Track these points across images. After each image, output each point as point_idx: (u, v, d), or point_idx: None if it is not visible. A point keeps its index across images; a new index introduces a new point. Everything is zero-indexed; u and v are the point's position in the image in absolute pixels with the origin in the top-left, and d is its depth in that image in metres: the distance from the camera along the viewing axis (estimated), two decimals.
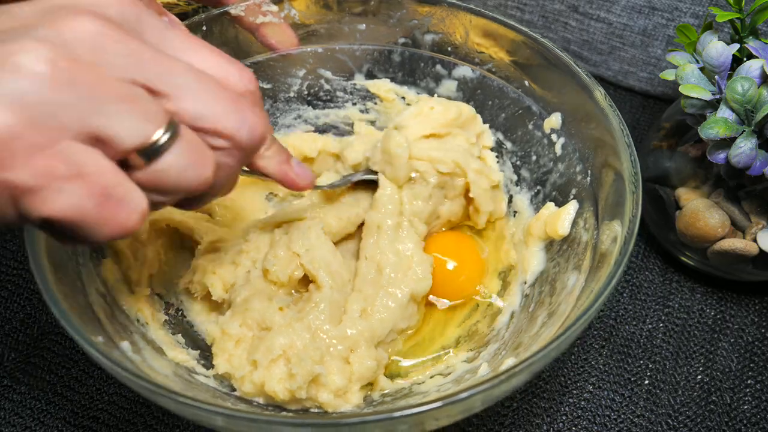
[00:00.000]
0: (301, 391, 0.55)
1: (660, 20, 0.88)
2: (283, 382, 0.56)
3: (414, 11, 0.70)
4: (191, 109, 0.40)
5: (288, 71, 0.74)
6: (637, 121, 0.93)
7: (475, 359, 0.61)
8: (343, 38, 0.72)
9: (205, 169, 0.41)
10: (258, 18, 0.69)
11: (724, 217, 0.69)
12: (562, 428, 0.66)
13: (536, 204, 0.68)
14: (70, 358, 0.69)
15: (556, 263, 0.62)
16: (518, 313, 0.63)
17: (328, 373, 0.57)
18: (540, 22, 0.96)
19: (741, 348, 0.72)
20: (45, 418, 0.66)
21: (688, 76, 0.65)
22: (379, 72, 0.75)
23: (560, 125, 0.65)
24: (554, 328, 0.52)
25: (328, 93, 0.76)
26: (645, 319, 0.74)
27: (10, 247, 0.77)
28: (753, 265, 0.71)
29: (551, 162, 0.67)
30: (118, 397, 0.67)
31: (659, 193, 0.75)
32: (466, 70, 0.71)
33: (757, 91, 0.61)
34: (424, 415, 0.42)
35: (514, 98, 0.69)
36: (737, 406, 0.68)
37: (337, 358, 0.58)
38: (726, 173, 0.69)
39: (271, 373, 0.56)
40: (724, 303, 0.76)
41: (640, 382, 0.70)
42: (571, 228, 0.61)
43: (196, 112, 0.40)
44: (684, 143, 0.74)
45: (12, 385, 0.67)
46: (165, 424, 0.65)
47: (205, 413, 0.43)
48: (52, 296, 0.47)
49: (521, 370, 0.43)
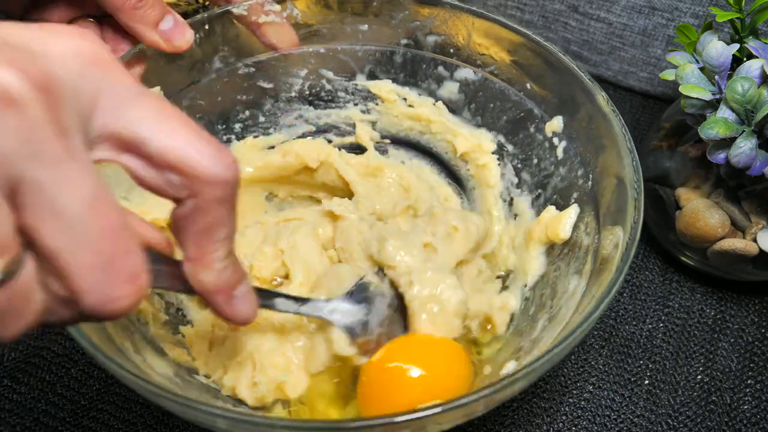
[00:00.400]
0: (267, 399, 0.55)
1: (660, 20, 0.88)
2: (250, 388, 0.55)
3: (416, 12, 0.70)
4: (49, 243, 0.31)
5: (289, 71, 0.74)
6: (637, 121, 0.93)
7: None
8: (345, 38, 0.72)
9: (6, 330, 0.32)
10: (260, 17, 0.69)
11: (724, 217, 0.69)
12: (562, 428, 0.67)
13: (537, 207, 0.68)
14: (70, 358, 0.69)
15: (557, 267, 0.62)
16: (518, 315, 0.63)
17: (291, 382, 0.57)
18: (540, 22, 0.96)
19: (741, 348, 0.72)
20: (45, 418, 0.66)
21: (688, 76, 0.65)
22: (380, 73, 0.75)
23: (562, 129, 0.65)
24: (555, 332, 0.52)
25: (330, 93, 0.76)
26: (645, 319, 0.74)
27: None
28: (753, 265, 0.71)
29: (552, 165, 0.67)
30: (118, 397, 0.67)
31: (659, 193, 0.75)
32: (468, 72, 0.71)
33: (757, 91, 0.61)
34: (427, 420, 0.42)
35: (516, 101, 0.69)
36: (737, 406, 0.68)
37: (301, 368, 0.58)
38: (726, 173, 0.69)
39: (239, 377, 0.56)
40: (724, 303, 0.76)
41: (640, 382, 0.70)
42: (572, 232, 0.61)
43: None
44: (684, 143, 0.74)
45: (12, 385, 0.67)
46: (165, 424, 0.65)
47: (207, 416, 0.43)
48: None
49: (524, 375, 0.43)
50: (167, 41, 0.64)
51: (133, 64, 0.64)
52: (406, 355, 0.56)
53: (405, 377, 0.54)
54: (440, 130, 0.75)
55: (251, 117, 0.75)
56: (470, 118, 0.74)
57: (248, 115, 0.75)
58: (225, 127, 0.75)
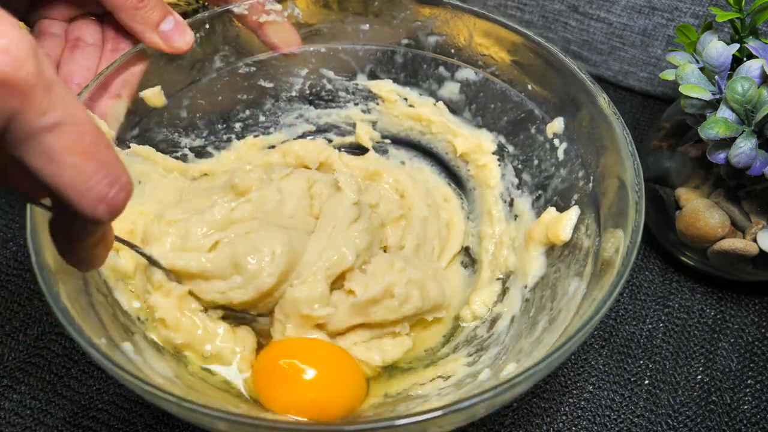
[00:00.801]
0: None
1: (660, 20, 0.88)
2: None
3: (417, 12, 0.70)
4: None
5: (290, 70, 0.74)
6: (637, 121, 0.93)
7: (476, 363, 0.61)
8: (346, 38, 0.72)
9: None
10: (261, 17, 0.69)
11: (724, 217, 0.69)
12: (562, 428, 0.67)
13: (537, 208, 0.68)
14: (70, 358, 0.69)
15: (557, 269, 0.62)
16: (519, 317, 0.63)
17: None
18: (540, 22, 0.96)
19: (741, 348, 0.72)
20: (45, 418, 0.66)
21: (688, 76, 0.65)
22: (381, 73, 0.75)
23: (563, 130, 0.65)
24: (555, 334, 0.52)
25: (330, 93, 0.76)
26: (645, 319, 0.74)
27: (10, 247, 0.76)
28: (753, 265, 0.71)
29: (553, 167, 0.67)
30: (118, 397, 0.67)
31: (659, 193, 0.75)
32: (469, 73, 0.71)
33: (757, 91, 0.61)
34: (428, 423, 0.42)
35: (517, 102, 0.69)
36: (737, 406, 0.68)
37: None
38: (726, 173, 0.69)
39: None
40: (724, 303, 0.76)
41: (640, 382, 0.70)
42: (572, 234, 0.61)
43: None
44: (684, 143, 0.74)
45: (12, 385, 0.67)
46: (165, 424, 0.65)
47: (208, 418, 0.43)
48: (55, 297, 0.47)
49: (525, 378, 0.43)
50: (167, 42, 0.64)
51: (133, 63, 0.64)
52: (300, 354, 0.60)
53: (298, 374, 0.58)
54: (441, 131, 0.75)
55: (252, 116, 0.75)
56: (471, 119, 0.74)
57: (249, 115, 0.75)
58: (225, 126, 0.75)
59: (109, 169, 0.37)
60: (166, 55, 0.65)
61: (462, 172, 0.76)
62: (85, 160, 0.36)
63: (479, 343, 0.64)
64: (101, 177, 0.37)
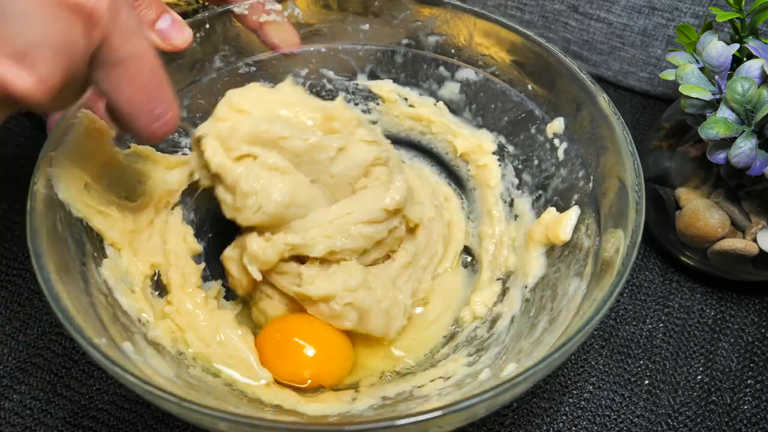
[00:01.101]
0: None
1: (660, 20, 0.88)
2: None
3: (418, 12, 0.70)
4: None
5: (290, 70, 0.74)
6: (637, 121, 0.93)
7: (476, 363, 0.61)
8: (346, 38, 0.72)
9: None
10: (261, 17, 0.69)
11: (724, 217, 0.69)
12: (562, 428, 0.67)
13: (537, 208, 0.68)
14: (70, 358, 0.69)
15: (557, 269, 0.62)
16: (519, 317, 0.63)
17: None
18: (540, 22, 0.96)
19: (741, 348, 0.72)
20: (45, 418, 0.66)
21: (688, 76, 0.65)
22: (381, 73, 0.75)
23: (563, 130, 0.65)
24: (555, 334, 0.52)
25: (331, 93, 0.76)
26: (645, 319, 0.74)
27: (10, 247, 0.76)
28: (753, 265, 0.71)
29: (553, 167, 0.67)
30: (118, 397, 0.67)
31: (659, 193, 0.75)
32: (470, 73, 0.71)
33: (757, 91, 0.61)
34: (428, 423, 0.42)
35: (517, 102, 0.69)
36: (737, 406, 0.68)
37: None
38: (726, 173, 0.69)
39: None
40: (724, 303, 0.76)
41: (640, 382, 0.70)
42: (572, 234, 0.61)
43: None
44: (684, 143, 0.74)
45: (12, 385, 0.67)
46: (165, 424, 0.65)
47: (208, 418, 0.43)
48: (55, 297, 0.47)
49: (525, 378, 0.44)
50: (165, 40, 0.64)
51: None
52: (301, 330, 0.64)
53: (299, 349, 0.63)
54: (441, 131, 0.75)
55: None
56: (471, 119, 0.74)
57: None
58: None
59: (161, 100, 0.48)
60: (165, 54, 0.65)
61: (462, 172, 0.76)
62: (141, 92, 0.47)
63: (479, 343, 0.64)
64: (154, 106, 0.48)
